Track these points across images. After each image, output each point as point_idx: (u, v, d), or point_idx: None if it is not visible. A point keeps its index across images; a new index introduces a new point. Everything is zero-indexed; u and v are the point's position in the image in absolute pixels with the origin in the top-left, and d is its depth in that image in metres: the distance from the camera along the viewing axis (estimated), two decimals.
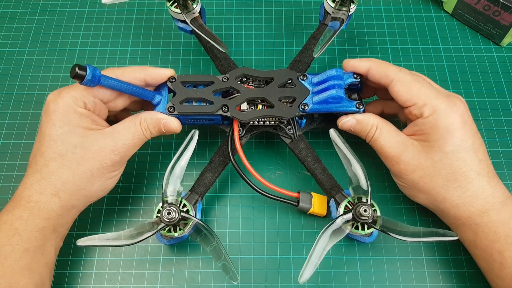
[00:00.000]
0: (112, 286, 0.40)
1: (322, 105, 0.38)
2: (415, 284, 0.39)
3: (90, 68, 0.33)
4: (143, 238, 0.34)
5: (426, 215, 0.42)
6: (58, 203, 0.34)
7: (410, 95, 0.36)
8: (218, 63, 0.44)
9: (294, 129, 0.41)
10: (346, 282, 0.39)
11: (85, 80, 0.33)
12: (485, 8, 0.49)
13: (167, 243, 0.38)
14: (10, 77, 0.51)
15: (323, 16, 0.45)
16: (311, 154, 0.40)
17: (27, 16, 0.55)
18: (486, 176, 0.35)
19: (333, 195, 0.38)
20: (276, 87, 0.39)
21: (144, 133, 0.37)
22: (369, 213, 0.34)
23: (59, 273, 0.40)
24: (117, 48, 0.52)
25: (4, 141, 0.47)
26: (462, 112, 0.35)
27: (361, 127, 0.38)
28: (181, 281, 0.40)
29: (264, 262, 0.40)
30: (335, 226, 0.35)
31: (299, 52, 0.44)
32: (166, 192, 0.36)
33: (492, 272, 0.35)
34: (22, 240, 0.33)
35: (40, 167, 0.34)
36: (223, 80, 0.39)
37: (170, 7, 0.43)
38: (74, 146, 0.35)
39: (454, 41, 0.52)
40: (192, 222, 0.36)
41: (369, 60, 0.39)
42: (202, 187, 0.39)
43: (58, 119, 0.35)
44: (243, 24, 0.54)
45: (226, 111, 0.38)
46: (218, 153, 0.41)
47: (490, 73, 0.50)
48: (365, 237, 0.37)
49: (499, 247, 0.33)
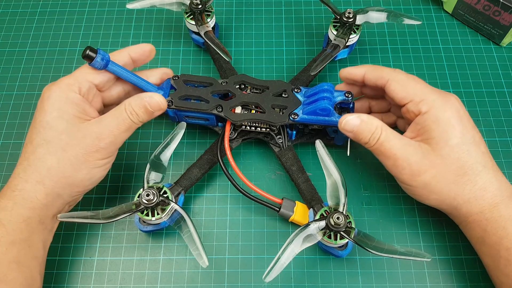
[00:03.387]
0: (112, 286, 0.40)
1: (311, 116, 0.40)
2: (415, 284, 0.39)
3: (100, 51, 0.36)
4: (120, 217, 0.34)
5: (426, 215, 0.42)
6: (42, 190, 0.34)
7: (406, 93, 0.37)
8: (223, 73, 0.47)
9: (284, 139, 0.42)
10: (346, 282, 0.39)
11: (94, 61, 0.36)
12: (485, 8, 0.49)
13: (144, 230, 0.38)
14: (10, 77, 0.51)
15: (326, 43, 0.49)
16: (297, 164, 0.42)
17: (27, 16, 0.55)
18: (492, 169, 0.35)
19: (313, 205, 0.39)
20: (270, 95, 0.41)
21: (130, 117, 0.36)
22: (341, 221, 0.34)
23: (59, 273, 0.40)
24: (117, 48, 0.52)
25: (4, 141, 0.47)
26: (458, 108, 0.36)
27: (365, 127, 0.35)
28: (181, 281, 0.40)
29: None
30: (308, 231, 0.35)
31: (300, 71, 0.47)
32: (148, 179, 0.36)
33: (497, 269, 0.35)
34: (7, 232, 0.33)
35: (29, 155, 0.35)
36: (222, 83, 0.42)
37: (187, 19, 0.47)
38: (60, 132, 0.35)
39: (454, 41, 0.52)
40: (171, 208, 0.36)
41: (363, 66, 0.40)
42: (187, 181, 0.40)
43: (50, 105, 0.35)
44: (243, 24, 0.54)
45: (220, 111, 0.40)
46: (208, 151, 0.42)
47: (490, 73, 0.50)
48: (339, 250, 0.37)
49: (506, 243, 0.33)
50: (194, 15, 0.46)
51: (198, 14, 0.46)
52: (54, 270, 0.40)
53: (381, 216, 0.42)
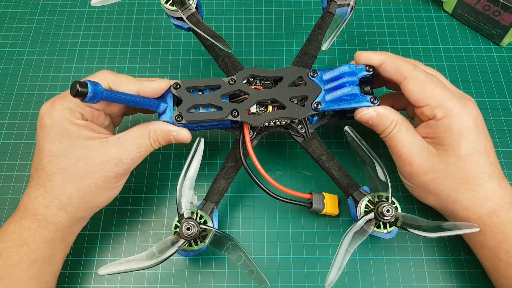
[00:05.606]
0: (112, 286, 0.40)
1: (335, 103, 0.37)
2: (415, 284, 0.39)
3: (91, 84, 0.29)
4: (166, 257, 0.33)
5: (426, 215, 0.42)
6: (65, 216, 0.34)
7: (423, 95, 0.35)
8: (221, 61, 0.42)
9: (306, 127, 0.39)
10: (346, 282, 0.39)
11: (87, 98, 0.30)
12: (485, 8, 0.49)
13: (187, 256, 0.38)
14: (10, 77, 0.51)
15: (326, 3, 0.43)
16: (325, 152, 0.39)
17: (27, 16, 0.55)
18: (497, 178, 0.35)
19: (351, 193, 0.37)
20: (285, 86, 0.37)
21: (152, 145, 0.36)
22: (392, 213, 0.33)
23: (59, 273, 0.40)
24: (117, 48, 0.52)
25: (4, 141, 0.47)
26: (475, 115, 0.35)
27: (381, 121, 0.36)
28: (181, 281, 0.40)
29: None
30: (357, 227, 0.34)
31: (305, 44, 0.42)
32: (181, 205, 0.35)
33: (497, 272, 0.35)
34: (30, 251, 0.33)
35: (43, 181, 0.34)
36: (230, 82, 0.38)
37: (164, 5, 0.41)
38: (76, 160, 0.33)
39: (454, 41, 0.52)
40: (212, 233, 0.35)
41: (383, 54, 0.37)
42: (217, 195, 0.38)
43: (57, 134, 0.33)
44: (243, 24, 0.54)
45: (236, 116, 0.36)
46: (229, 158, 0.40)
47: (490, 73, 0.50)
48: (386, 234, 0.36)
49: (506, 246, 0.33)
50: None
51: None
52: None
53: None
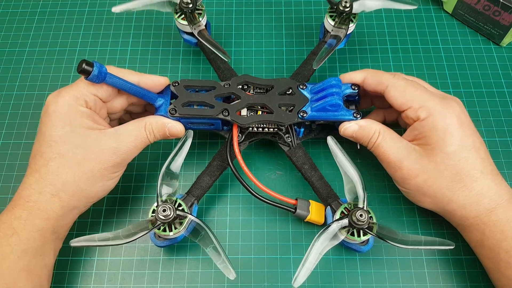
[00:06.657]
0: (112, 286, 0.40)
1: (320, 113, 0.39)
2: (415, 284, 0.39)
3: (97, 64, 0.34)
4: (137, 237, 0.33)
5: (426, 215, 0.42)
6: (58, 203, 0.34)
7: (405, 99, 0.37)
8: (221, 73, 0.45)
9: (292, 137, 0.41)
10: (346, 282, 0.39)
11: (92, 75, 0.34)
12: (485, 8, 0.49)
13: (160, 245, 0.37)
14: (10, 77, 0.51)
15: (323, 34, 0.47)
16: (308, 162, 0.41)
17: (27, 16, 0.55)
18: (490, 174, 0.35)
19: (330, 202, 0.38)
20: (276, 94, 0.40)
21: (148, 137, 0.37)
22: (364, 218, 0.34)
23: (59, 273, 0.40)
24: (117, 48, 0.52)
25: (4, 141, 0.47)
26: (458, 113, 0.36)
27: (364, 133, 0.38)
28: (181, 281, 0.40)
29: (264, 262, 0.40)
30: (330, 231, 0.34)
31: (300, 66, 0.46)
32: (161, 193, 0.36)
33: (498, 271, 0.35)
34: (20, 241, 0.33)
35: (39, 167, 0.34)
36: (225, 86, 0.40)
37: (177, 19, 0.45)
38: (75, 146, 0.34)
39: (454, 41, 0.52)
40: (188, 220, 0.36)
41: (364, 71, 0.40)
42: (199, 190, 0.39)
43: (60, 120, 0.35)
44: (243, 24, 0.54)
45: (227, 115, 0.39)
46: (216, 157, 0.41)
47: (490, 73, 0.50)
48: (361, 245, 0.36)
49: (506, 246, 0.33)
50: (185, 15, 0.44)
51: (189, 13, 0.44)
52: (54, 270, 0.40)
53: (381, 216, 0.42)
